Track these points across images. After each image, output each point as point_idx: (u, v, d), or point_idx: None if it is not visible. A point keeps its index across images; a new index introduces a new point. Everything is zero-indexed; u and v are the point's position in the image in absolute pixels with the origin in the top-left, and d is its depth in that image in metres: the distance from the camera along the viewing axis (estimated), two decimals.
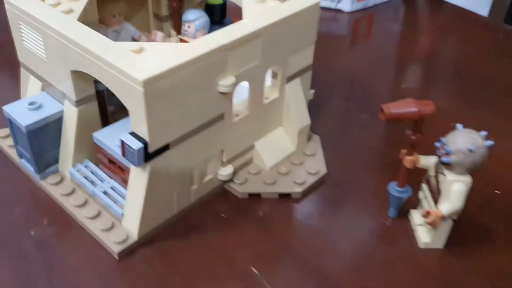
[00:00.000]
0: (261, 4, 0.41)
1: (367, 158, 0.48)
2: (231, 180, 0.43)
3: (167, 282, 0.36)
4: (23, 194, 0.43)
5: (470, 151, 0.34)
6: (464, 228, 0.41)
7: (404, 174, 0.39)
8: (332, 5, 0.74)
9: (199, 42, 0.36)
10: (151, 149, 0.35)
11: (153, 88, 0.32)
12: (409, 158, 0.38)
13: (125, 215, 0.38)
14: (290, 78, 0.44)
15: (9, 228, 0.40)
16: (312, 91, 0.49)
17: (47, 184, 0.42)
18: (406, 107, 0.35)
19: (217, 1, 0.51)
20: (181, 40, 0.49)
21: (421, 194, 0.40)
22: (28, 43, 0.41)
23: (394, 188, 0.40)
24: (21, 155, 0.43)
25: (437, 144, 0.36)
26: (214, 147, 0.40)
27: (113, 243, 0.37)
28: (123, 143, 0.34)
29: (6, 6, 0.41)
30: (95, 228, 0.39)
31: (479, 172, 0.42)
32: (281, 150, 0.45)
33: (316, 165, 0.45)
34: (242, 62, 0.38)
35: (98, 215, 0.39)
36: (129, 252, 0.38)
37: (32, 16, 0.38)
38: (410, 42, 0.70)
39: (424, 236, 0.39)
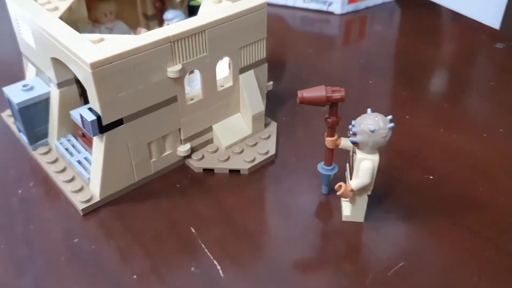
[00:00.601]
0: (216, 4, 0.48)
1: (317, 144, 0.53)
2: (189, 156, 0.49)
3: (118, 236, 0.43)
4: (18, 161, 0.51)
5: (372, 131, 0.38)
6: (389, 207, 0.45)
7: (328, 154, 0.44)
8: (324, 7, 0.79)
9: (149, 34, 0.42)
10: (104, 122, 0.42)
11: (101, 70, 0.39)
12: (329, 139, 0.43)
13: (91, 180, 0.46)
14: (243, 70, 0.50)
15: (1, 187, 0.48)
16: (271, 83, 0.54)
17: (37, 154, 0.50)
18: (317, 92, 0.40)
19: (197, 3, 0.58)
20: None
21: (346, 173, 0.45)
22: (23, 36, 0.49)
23: (321, 167, 0.45)
24: (19, 130, 0.52)
25: (350, 126, 0.40)
26: (170, 126, 0.47)
27: (79, 202, 0.45)
28: (81, 116, 0.42)
29: (8, 5, 0.49)
30: (67, 189, 0.46)
31: (417, 158, 0.47)
32: (237, 132, 0.51)
33: (267, 147, 0.51)
34: (188, 52, 0.44)
35: (72, 179, 0.47)
36: (92, 210, 0.45)
37: (24, 13, 0.46)
38: (398, 46, 0.73)
39: (346, 210, 0.44)
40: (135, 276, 0.40)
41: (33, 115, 0.49)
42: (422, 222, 0.44)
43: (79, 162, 0.48)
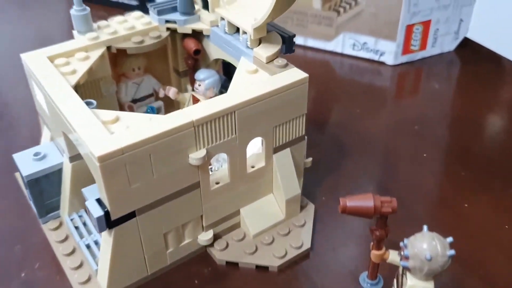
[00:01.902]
0: (251, 74, 0.42)
1: (362, 236, 0.46)
2: (212, 244, 0.44)
3: None
4: (27, 234, 0.46)
5: (428, 259, 0.32)
6: None
7: (373, 267, 0.37)
8: (375, 57, 0.72)
9: (170, 117, 0.37)
10: (113, 217, 0.36)
11: (111, 163, 0.34)
12: (375, 252, 0.36)
13: (98, 272, 0.40)
14: (278, 149, 0.43)
15: (4, 266, 0.43)
16: (309, 159, 0.48)
17: (46, 229, 0.46)
18: (364, 201, 0.34)
19: None
20: (193, 97, 0.51)
21: None
22: (37, 97, 0.45)
23: (364, 280, 0.38)
24: (29, 198, 0.47)
25: (401, 244, 0.34)
26: (190, 213, 0.41)
27: None
28: (87, 209, 0.36)
29: (22, 61, 0.45)
30: (73, 279, 0.41)
31: (475, 264, 0.41)
32: (268, 217, 0.45)
33: (301, 239, 0.44)
34: (215, 136, 0.38)
35: (79, 266, 0.42)
36: None
37: (36, 76, 0.42)
38: (457, 109, 0.64)
39: None
40: None
41: (44, 188, 0.44)
42: None
43: (88, 246, 0.43)
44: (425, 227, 0.33)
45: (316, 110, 0.63)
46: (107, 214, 0.36)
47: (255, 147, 0.45)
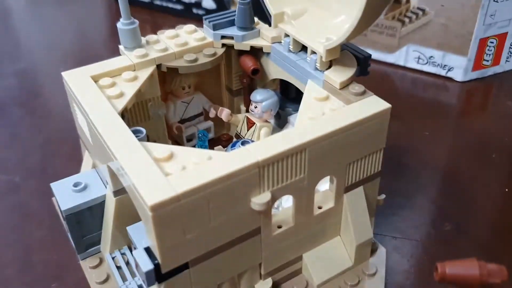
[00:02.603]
0: (321, 102, 0.36)
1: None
2: None
3: None
4: (65, 271, 0.42)
5: None
6: None
7: None
8: (442, 72, 0.65)
9: (231, 156, 0.32)
10: (164, 270, 0.31)
11: (165, 211, 0.29)
12: None
13: None
14: (350, 188, 0.38)
15: None
16: (383, 196, 0.42)
17: (85, 266, 0.41)
18: (467, 269, 0.28)
19: None
20: (248, 118, 0.46)
21: None
22: (79, 119, 0.40)
23: None
24: (67, 230, 0.43)
25: None
26: (248, 262, 0.36)
27: None
28: (135, 261, 0.32)
29: (64, 80, 0.40)
30: None
31: None
32: (335, 264, 0.39)
33: None
34: (281, 177, 0.33)
35: None
36: None
37: (78, 99, 0.37)
38: None
39: None
40: None
41: (84, 222, 0.40)
42: None
43: None
44: None
45: None
46: (157, 267, 0.31)
47: (322, 183, 0.39)
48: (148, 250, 0.32)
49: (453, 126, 0.59)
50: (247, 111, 0.48)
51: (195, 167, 0.31)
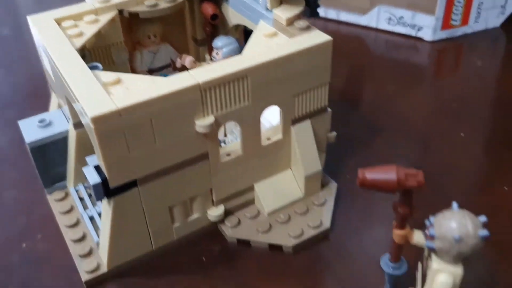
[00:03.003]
0: (268, 38, 0.38)
1: (386, 218, 0.42)
2: (222, 221, 0.40)
3: None
4: (32, 205, 0.44)
5: (456, 240, 0.27)
6: None
7: (396, 249, 0.33)
8: (412, 32, 0.67)
9: (173, 79, 0.34)
10: (111, 185, 0.34)
11: (107, 125, 0.31)
12: (398, 232, 0.32)
13: (100, 245, 0.38)
14: (297, 120, 0.40)
15: (6, 237, 0.42)
16: (333, 134, 0.44)
17: (51, 199, 0.43)
18: (386, 174, 0.30)
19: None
20: None
21: (417, 274, 0.34)
22: (44, 62, 0.42)
23: (385, 262, 0.34)
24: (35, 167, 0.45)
25: (427, 223, 0.29)
26: (198, 186, 0.38)
27: (84, 271, 0.37)
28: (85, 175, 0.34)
29: (29, 24, 0.42)
30: (74, 251, 0.39)
31: None
32: (285, 194, 0.41)
33: (319, 217, 0.40)
34: (224, 102, 0.35)
35: (82, 238, 0.40)
36: (97, 282, 0.37)
37: (40, 39, 0.39)
38: (502, 88, 0.59)
39: None
40: None
41: (49, 156, 0.42)
42: None
43: (91, 218, 0.40)
44: (454, 204, 0.29)
45: (348, 87, 0.59)
46: (105, 181, 0.33)
47: (274, 119, 0.41)
48: (97, 167, 0.34)
49: (422, 84, 0.60)
50: (211, 59, 0.50)
51: (138, 88, 0.33)
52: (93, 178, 0.33)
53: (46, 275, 0.39)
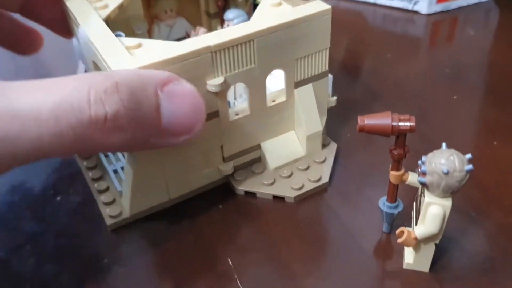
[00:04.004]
0: (274, 7, 0.42)
1: (384, 171, 0.46)
2: (232, 175, 0.45)
3: (144, 258, 0.40)
4: (64, 163, 0.49)
5: (445, 173, 0.32)
6: (460, 255, 0.38)
7: (392, 189, 0.38)
8: (409, 6, 0.70)
9: (187, 42, 0.38)
10: None
11: None
12: (394, 173, 0.36)
13: (123, 193, 0.43)
14: (299, 83, 0.44)
15: (42, 193, 0.46)
16: (334, 98, 0.48)
17: (78, 158, 0.48)
18: (382, 119, 0.34)
19: None
20: None
21: (412, 213, 0.38)
22: (74, 33, 0.47)
23: (383, 203, 0.39)
24: None
25: (419, 162, 0.34)
26: (210, 142, 0.42)
27: (108, 216, 0.42)
28: None
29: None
30: (100, 201, 0.43)
31: (502, 197, 0.42)
32: (288, 153, 0.46)
33: (319, 173, 0.44)
34: (233, 64, 0.39)
35: (106, 189, 0.44)
36: (120, 226, 0.42)
37: (70, 10, 0.44)
38: (493, 55, 0.63)
39: (408, 256, 0.38)
40: None
41: None
42: (502, 278, 0.37)
43: (115, 171, 0.45)
44: (443, 144, 0.33)
45: (348, 57, 0.63)
46: None
47: (279, 83, 0.45)
48: None
49: (419, 53, 0.64)
50: None
51: (156, 51, 0.37)
52: None
53: (78, 222, 0.43)
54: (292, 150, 0.46)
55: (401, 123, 0.34)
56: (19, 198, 0.46)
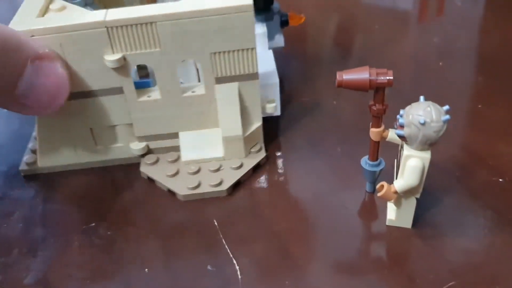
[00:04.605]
0: None
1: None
2: (143, 156, 0.44)
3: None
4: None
5: (422, 124, 0.31)
6: (444, 212, 0.38)
7: (373, 147, 0.37)
8: None
9: (90, 14, 0.38)
10: None
11: None
12: (374, 130, 0.36)
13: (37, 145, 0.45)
14: (221, 80, 0.41)
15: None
16: (272, 104, 0.44)
17: None
18: (359, 74, 0.33)
19: None
20: None
21: (394, 170, 0.38)
22: None
23: (365, 162, 0.39)
24: None
25: (397, 116, 0.33)
26: (117, 117, 0.42)
27: (24, 162, 0.45)
28: None
29: None
30: (28, 147, 0.47)
31: (486, 156, 0.43)
32: (206, 150, 0.43)
33: (224, 178, 0.41)
34: (133, 43, 0.38)
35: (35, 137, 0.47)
36: (31, 174, 0.45)
37: None
38: (481, 24, 0.65)
39: (390, 213, 0.38)
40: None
41: None
42: (483, 234, 0.37)
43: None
44: (421, 97, 0.33)
45: (340, 33, 0.65)
46: None
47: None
48: None
49: (408, 26, 0.66)
50: None
51: (62, 16, 0.38)
52: None
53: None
54: (211, 147, 0.43)
55: (378, 77, 0.33)
56: None
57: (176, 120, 0.43)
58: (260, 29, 0.49)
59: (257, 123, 0.44)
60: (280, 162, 0.44)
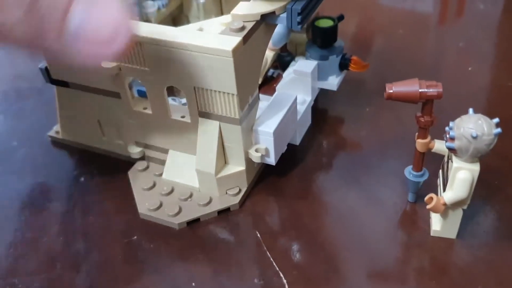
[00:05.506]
0: (222, 27, 0.38)
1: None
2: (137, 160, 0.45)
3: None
4: None
5: (474, 137, 0.32)
6: (487, 222, 0.39)
7: (418, 158, 0.38)
8: None
9: None
10: (52, 76, 0.44)
11: None
12: (420, 141, 0.37)
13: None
14: (203, 114, 0.39)
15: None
16: (258, 154, 0.40)
17: None
18: (409, 86, 0.34)
19: (327, 23, 0.46)
20: None
21: (438, 180, 0.38)
22: None
23: (409, 172, 0.39)
24: None
25: (447, 128, 0.33)
26: (117, 117, 0.44)
27: (54, 130, 0.50)
28: None
29: None
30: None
31: None
32: (186, 175, 0.42)
33: (180, 209, 0.40)
34: (127, 57, 0.38)
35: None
36: (57, 142, 0.50)
37: None
38: (504, 27, 0.63)
39: (435, 223, 0.38)
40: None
41: None
42: None
43: None
44: (470, 110, 0.33)
45: (360, 34, 0.63)
46: (47, 69, 0.44)
47: None
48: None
49: (430, 29, 0.64)
50: None
51: None
52: (42, 64, 0.44)
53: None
54: (191, 175, 0.42)
55: (428, 90, 0.34)
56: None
57: (165, 137, 0.43)
58: (308, 67, 0.45)
59: (238, 167, 0.41)
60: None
